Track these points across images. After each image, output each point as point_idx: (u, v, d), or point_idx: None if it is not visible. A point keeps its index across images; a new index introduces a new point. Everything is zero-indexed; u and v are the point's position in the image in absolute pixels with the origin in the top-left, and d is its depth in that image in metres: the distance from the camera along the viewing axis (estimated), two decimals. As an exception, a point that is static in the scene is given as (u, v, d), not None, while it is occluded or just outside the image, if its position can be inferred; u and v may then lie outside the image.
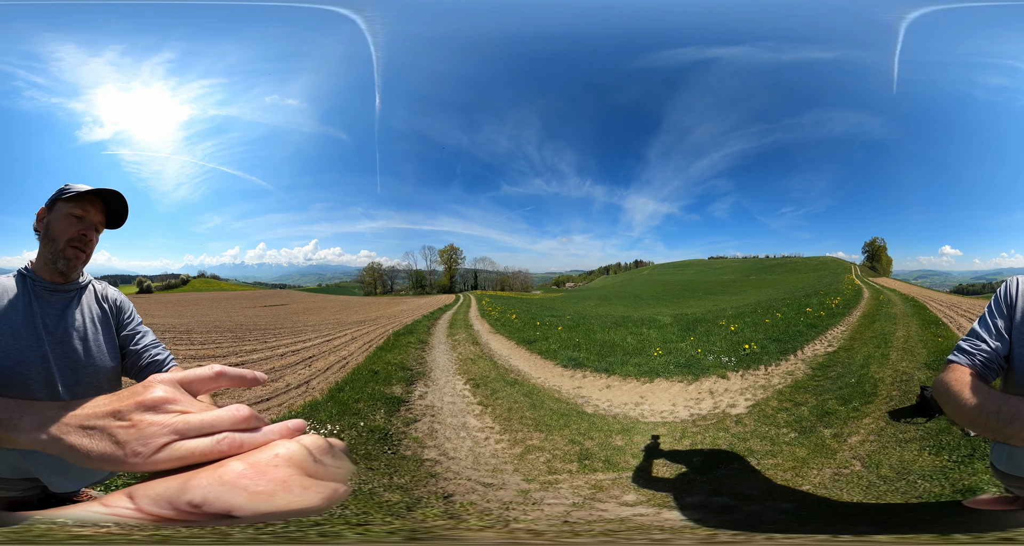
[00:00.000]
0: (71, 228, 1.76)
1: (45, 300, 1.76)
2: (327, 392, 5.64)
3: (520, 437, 4.54)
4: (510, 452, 4.21)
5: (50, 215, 1.79)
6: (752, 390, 5.84)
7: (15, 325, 1.68)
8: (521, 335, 9.28)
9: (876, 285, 14.91)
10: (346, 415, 4.86)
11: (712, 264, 22.25)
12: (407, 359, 7.45)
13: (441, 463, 3.95)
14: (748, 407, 5.33)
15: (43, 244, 1.79)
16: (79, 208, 1.77)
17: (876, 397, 5.19)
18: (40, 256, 1.80)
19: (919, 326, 8.37)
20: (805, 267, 19.16)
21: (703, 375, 6.24)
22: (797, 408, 5.18)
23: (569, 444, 4.40)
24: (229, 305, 15.55)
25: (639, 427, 4.84)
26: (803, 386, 5.83)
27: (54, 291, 1.78)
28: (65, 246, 1.76)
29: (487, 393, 5.82)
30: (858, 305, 10.92)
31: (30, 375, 1.66)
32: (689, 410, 5.35)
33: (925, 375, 5.71)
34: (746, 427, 4.80)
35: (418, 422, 4.87)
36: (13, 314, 1.69)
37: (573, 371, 6.80)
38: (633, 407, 5.43)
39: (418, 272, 20.61)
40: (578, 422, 4.98)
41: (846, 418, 4.77)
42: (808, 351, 7.22)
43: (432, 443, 4.35)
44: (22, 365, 1.65)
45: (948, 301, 11.86)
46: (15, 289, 1.73)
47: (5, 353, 1.64)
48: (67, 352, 1.73)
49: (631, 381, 6.21)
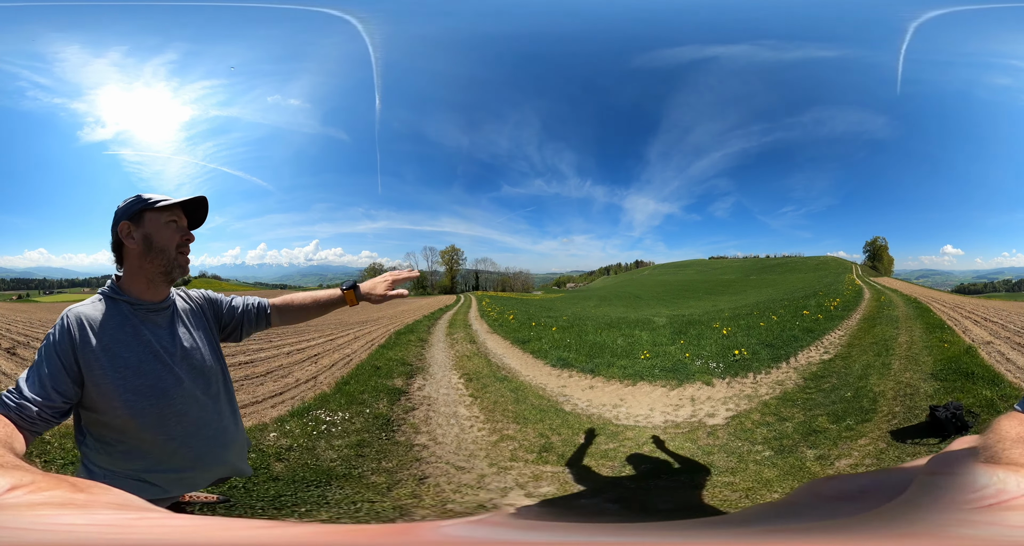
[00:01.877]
0: (175, 235, 1.69)
1: (153, 322, 1.66)
2: (334, 385, 5.94)
3: (499, 427, 4.78)
4: (487, 440, 4.47)
5: (143, 228, 1.65)
6: (736, 400, 5.52)
7: (134, 362, 1.58)
8: (516, 335, 9.40)
9: (877, 285, 14.72)
10: (353, 404, 5.17)
11: (713, 264, 22.18)
12: (407, 355, 7.69)
13: (428, 448, 4.24)
14: (727, 418, 5.03)
15: (144, 259, 1.64)
16: (173, 215, 1.70)
17: (875, 414, 4.67)
18: (138, 273, 1.64)
19: (923, 330, 7.86)
20: (806, 267, 19.02)
21: (687, 381, 6.04)
22: (781, 424, 4.75)
23: (537, 437, 4.54)
24: (231, 305, 15.64)
25: (608, 429, 4.79)
26: (792, 399, 5.40)
27: (158, 311, 1.68)
28: (176, 254, 1.69)
29: (478, 387, 6.09)
30: (858, 307, 10.60)
31: (174, 402, 1.61)
32: (665, 416, 5.18)
33: (932, 388, 5.15)
34: (717, 440, 4.50)
35: (416, 410, 5.23)
36: (126, 352, 1.57)
37: (560, 371, 6.91)
38: (610, 409, 5.41)
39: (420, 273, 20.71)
40: (553, 418, 5.09)
41: (836, 438, 4.25)
42: (802, 358, 6.86)
43: (426, 429, 4.69)
44: (162, 396, 1.59)
45: (951, 302, 11.59)
46: (114, 319, 1.59)
47: (139, 394, 1.55)
48: (193, 365, 1.70)
49: (614, 383, 6.20)
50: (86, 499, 0.58)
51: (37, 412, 1.40)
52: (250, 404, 5.38)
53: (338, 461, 3.83)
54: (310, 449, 4.05)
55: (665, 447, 4.41)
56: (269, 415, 4.95)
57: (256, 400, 5.54)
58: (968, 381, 5.15)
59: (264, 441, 4.18)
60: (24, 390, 1.42)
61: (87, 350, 1.50)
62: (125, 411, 1.52)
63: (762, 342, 7.59)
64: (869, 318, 9.29)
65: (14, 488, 0.60)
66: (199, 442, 1.66)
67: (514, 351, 8.35)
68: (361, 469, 3.72)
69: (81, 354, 1.49)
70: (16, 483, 0.61)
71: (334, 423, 4.62)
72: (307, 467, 3.68)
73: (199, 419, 1.67)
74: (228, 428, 1.79)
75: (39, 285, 17.62)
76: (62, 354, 1.48)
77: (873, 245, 17.74)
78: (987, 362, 5.81)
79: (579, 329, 9.61)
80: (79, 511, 0.55)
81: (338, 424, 4.61)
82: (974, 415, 4.27)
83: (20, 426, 1.33)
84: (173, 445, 1.60)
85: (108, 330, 1.55)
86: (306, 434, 4.36)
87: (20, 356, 6.94)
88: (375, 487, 3.42)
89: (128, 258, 1.64)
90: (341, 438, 4.32)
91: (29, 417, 1.38)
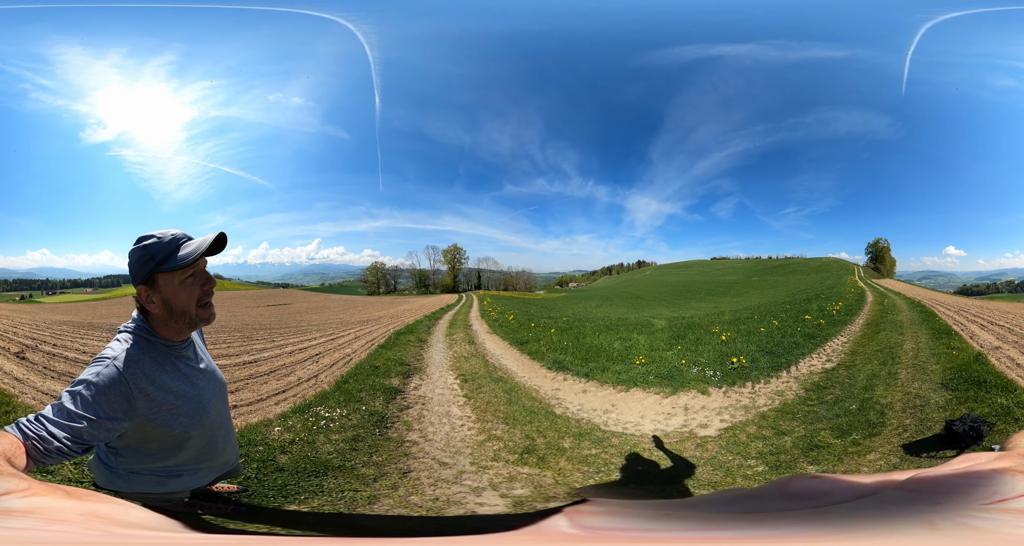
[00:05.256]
0: (195, 292, 1.67)
1: (184, 357, 1.80)
2: (334, 384, 6.08)
3: (488, 427, 4.83)
4: (474, 439, 4.54)
5: (160, 292, 1.64)
6: (732, 410, 5.33)
7: (181, 391, 1.72)
8: (515, 336, 9.41)
9: (880, 287, 14.65)
10: (351, 402, 5.30)
11: (715, 265, 22.12)
12: (406, 356, 7.75)
13: (418, 444, 4.36)
14: (720, 430, 4.82)
15: (169, 319, 1.68)
16: (187, 271, 1.65)
17: (884, 427, 4.43)
18: (165, 327, 1.70)
19: (929, 337, 7.61)
20: (808, 268, 18.93)
21: (682, 389, 5.87)
22: (779, 438, 4.52)
23: (523, 438, 4.55)
24: (233, 305, 15.76)
25: (594, 434, 4.73)
26: (792, 411, 5.17)
27: (187, 346, 1.83)
28: (197, 311, 1.70)
29: (473, 387, 6.14)
30: (861, 311, 10.41)
31: (210, 413, 1.87)
32: (655, 425, 5.02)
33: (943, 398, 4.96)
34: (706, 452, 4.30)
35: (410, 409, 5.33)
36: (176, 385, 1.72)
37: (556, 373, 6.90)
38: (600, 414, 5.34)
39: (422, 272, 20.71)
40: (542, 420, 5.08)
41: (841, 454, 4.02)
42: (803, 367, 6.64)
43: (418, 427, 4.80)
44: (204, 414, 1.83)
45: (955, 304, 11.45)
46: (156, 361, 1.67)
47: (191, 416, 1.76)
48: (216, 380, 1.96)
49: (607, 388, 6.13)
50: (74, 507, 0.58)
51: (57, 447, 1.40)
52: (255, 401, 5.55)
53: (334, 454, 4.03)
54: (310, 443, 4.25)
55: (664, 447, 4.37)
56: (273, 412, 5.14)
57: (261, 397, 5.69)
58: (981, 390, 4.97)
59: (269, 435, 4.39)
60: (47, 425, 1.41)
61: (143, 395, 1.59)
62: (180, 430, 1.74)
63: (762, 349, 7.41)
64: (873, 323, 9.10)
65: (8, 493, 0.61)
66: (222, 438, 2.02)
67: (512, 352, 8.37)
68: (353, 462, 3.91)
69: (138, 401, 1.58)
70: (10, 488, 0.61)
71: (332, 419, 4.79)
72: (307, 459, 3.90)
73: (222, 422, 2.02)
74: (233, 431, 2.18)
75: (42, 286, 17.71)
76: (116, 405, 1.52)
77: (875, 246, 17.63)
78: (998, 369, 5.61)
79: (578, 331, 9.60)
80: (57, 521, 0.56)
81: (336, 420, 4.77)
82: (989, 425, 4.16)
83: (28, 454, 1.34)
84: (213, 444, 1.95)
85: (156, 370, 1.65)
86: (307, 429, 4.54)
87: (30, 360, 6.96)
88: (363, 478, 3.62)
89: (153, 317, 1.70)
90: (338, 433, 4.48)
91: (45, 450, 1.38)
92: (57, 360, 7.04)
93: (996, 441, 3.90)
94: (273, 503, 3.17)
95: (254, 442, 4.17)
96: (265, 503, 3.17)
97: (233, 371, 6.54)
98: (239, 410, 5.22)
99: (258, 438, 4.27)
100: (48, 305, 15.81)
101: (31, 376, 6.17)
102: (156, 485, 1.85)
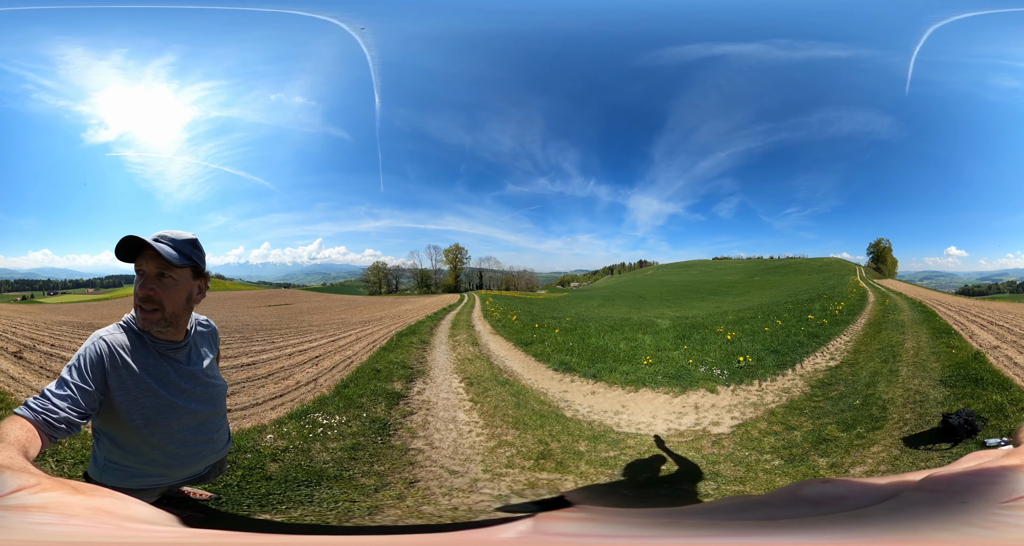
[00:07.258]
0: (138, 291, 1.68)
1: (172, 357, 1.79)
2: (334, 388, 5.94)
3: (498, 432, 4.74)
4: (484, 445, 4.44)
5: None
6: (741, 408, 5.43)
7: (153, 386, 1.72)
8: (519, 337, 9.36)
9: (881, 288, 14.67)
10: (351, 408, 5.14)
11: (716, 265, 22.13)
12: (408, 358, 7.66)
13: (424, 452, 4.23)
14: (732, 427, 4.92)
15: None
16: (137, 265, 1.67)
17: (886, 421, 4.63)
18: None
19: (929, 336, 7.82)
20: (809, 268, 18.94)
21: (691, 388, 5.94)
22: (789, 432, 4.67)
23: (536, 443, 4.50)
24: (234, 305, 15.70)
25: (609, 436, 4.73)
26: (799, 407, 5.33)
27: (178, 348, 1.81)
28: (136, 309, 1.70)
29: (479, 391, 6.04)
30: (863, 311, 10.53)
31: (181, 416, 1.82)
32: (668, 424, 5.09)
33: (941, 394, 5.15)
34: (723, 449, 4.40)
35: (414, 415, 5.19)
36: (148, 377, 1.71)
37: (562, 375, 6.85)
38: (612, 416, 5.35)
39: (423, 271, 20.69)
40: (553, 424, 5.04)
41: (848, 446, 4.20)
42: (808, 365, 6.79)
43: (423, 433, 4.67)
44: (171, 414, 1.79)
45: (956, 304, 11.51)
46: (139, 351, 1.72)
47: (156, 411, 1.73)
48: (205, 386, 1.89)
49: (616, 389, 6.13)
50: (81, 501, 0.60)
51: (65, 417, 1.51)
52: (250, 406, 5.41)
53: (331, 463, 3.90)
54: (305, 451, 4.11)
55: (665, 446, 4.38)
56: (268, 417, 4.98)
57: (256, 402, 5.56)
58: (978, 387, 5.19)
59: (261, 443, 4.22)
60: (52, 398, 1.53)
61: (115, 374, 1.66)
62: (141, 426, 1.72)
63: (767, 348, 7.51)
64: (875, 323, 9.24)
65: (20, 489, 0.62)
66: (197, 445, 1.93)
67: (517, 353, 8.33)
68: (352, 471, 3.79)
69: (111, 378, 1.66)
70: (22, 484, 0.63)
71: (330, 426, 4.64)
72: (300, 468, 3.77)
73: (204, 430, 1.92)
74: (220, 439, 2.04)
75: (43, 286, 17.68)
76: (95, 375, 1.62)
77: (877, 247, 17.64)
78: (995, 367, 5.85)
79: (582, 331, 9.56)
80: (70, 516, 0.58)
81: (334, 427, 4.63)
82: (983, 420, 4.35)
83: (41, 431, 1.44)
84: (173, 447, 1.84)
85: (132, 358, 1.70)
86: (302, 436, 4.40)
87: (27, 360, 6.94)
88: (362, 488, 3.51)
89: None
90: (336, 441, 4.35)
91: (55, 420, 1.48)
92: (54, 360, 7.00)
93: (990, 435, 4.06)
94: (244, 512, 3.02)
95: (244, 448, 3.99)
96: (236, 511, 3.01)
97: (230, 374, 6.36)
98: (232, 415, 5.03)
99: (248, 444, 4.11)
100: (49, 305, 15.78)
101: (27, 375, 6.14)
102: (123, 479, 1.80)
